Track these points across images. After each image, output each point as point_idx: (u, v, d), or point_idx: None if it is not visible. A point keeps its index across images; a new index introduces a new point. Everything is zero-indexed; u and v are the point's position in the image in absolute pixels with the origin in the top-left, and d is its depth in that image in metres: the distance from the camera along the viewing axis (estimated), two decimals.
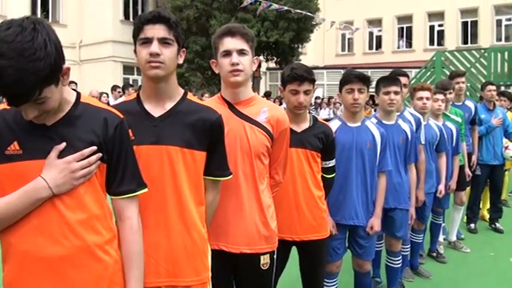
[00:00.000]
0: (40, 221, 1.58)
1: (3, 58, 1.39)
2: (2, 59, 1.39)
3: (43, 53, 1.44)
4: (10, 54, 1.40)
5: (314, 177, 2.99)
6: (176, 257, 1.98)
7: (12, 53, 1.40)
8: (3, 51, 1.40)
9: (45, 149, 1.59)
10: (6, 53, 1.40)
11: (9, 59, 1.40)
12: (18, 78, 1.40)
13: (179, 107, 2.03)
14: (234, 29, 2.35)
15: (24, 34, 1.43)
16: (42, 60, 1.44)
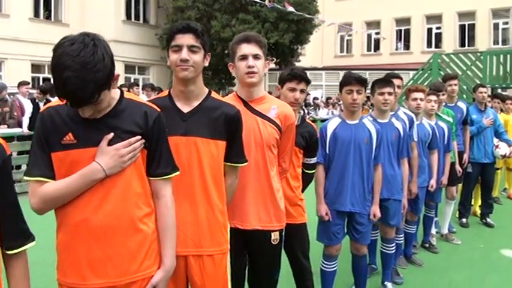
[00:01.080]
0: (92, 197, 1.91)
1: (69, 70, 1.69)
2: (68, 70, 1.69)
3: (101, 65, 1.75)
4: (75, 67, 1.69)
5: (294, 170, 3.34)
6: (201, 230, 2.33)
7: (77, 65, 1.69)
8: (69, 64, 1.69)
9: (96, 138, 1.91)
10: (72, 66, 1.69)
11: (74, 70, 1.69)
12: (80, 87, 1.71)
13: (205, 104, 2.39)
14: (250, 37, 2.72)
15: (86, 50, 1.72)
16: (101, 71, 1.75)
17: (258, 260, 2.83)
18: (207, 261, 2.35)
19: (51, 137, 1.91)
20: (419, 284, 4.78)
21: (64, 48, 1.72)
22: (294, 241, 3.38)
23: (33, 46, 22.02)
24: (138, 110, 2.02)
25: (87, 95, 1.74)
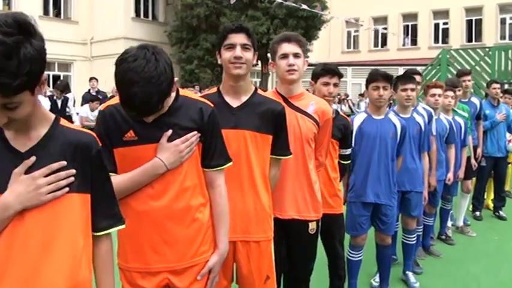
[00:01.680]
0: (153, 189, 2.07)
1: (136, 86, 1.81)
2: (135, 86, 1.81)
3: (164, 77, 1.87)
4: (141, 82, 1.81)
5: (332, 161, 3.52)
6: (248, 218, 2.50)
7: (143, 81, 1.81)
8: (136, 79, 1.81)
9: (156, 135, 2.06)
10: (138, 81, 1.81)
11: (140, 86, 1.81)
12: (146, 100, 1.84)
13: (252, 99, 2.56)
14: (290, 36, 2.90)
15: (149, 65, 1.84)
16: (164, 82, 1.87)
17: (295, 249, 2.99)
18: (254, 247, 2.53)
19: (113, 133, 2.06)
20: (438, 274, 4.94)
21: (128, 64, 1.84)
22: (333, 230, 3.54)
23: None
24: (193, 106, 2.17)
25: (152, 107, 1.90)
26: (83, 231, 1.60)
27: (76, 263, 1.56)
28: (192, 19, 21.54)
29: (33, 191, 1.48)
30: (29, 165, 1.50)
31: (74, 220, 1.56)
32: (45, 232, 1.50)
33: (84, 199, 1.60)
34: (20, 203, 1.46)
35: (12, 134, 1.52)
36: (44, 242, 1.49)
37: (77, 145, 1.59)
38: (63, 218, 1.54)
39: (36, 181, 1.49)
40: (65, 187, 1.54)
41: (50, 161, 1.53)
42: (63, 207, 1.54)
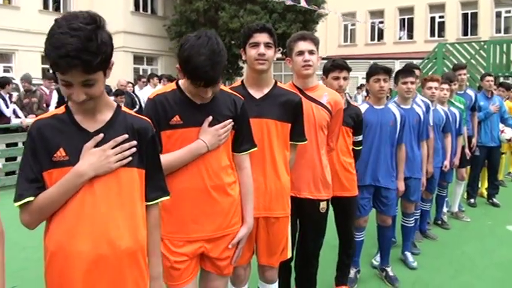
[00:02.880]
0: (194, 167, 2.39)
1: (203, 55, 2.19)
2: (202, 56, 2.18)
3: (223, 53, 2.26)
4: (207, 53, 2.19)
5: (347, 147, 3.83)
6: (269, 196, 2.82)
7: (208, 52, 2.19)
8: (202, 51, 2.19)
9: (198, 120, 2.39)
10: (204, 52, 2.19)
11: (207, 55, 2.19)
12: (212, 68, 2.20)
13: (273, 92, 2.88)
14: (306, 35, 3.22)
15: (211, 41, 2.23)
16: (224, 57, 2.26)
17: (308, 225, 3.31)
18: (274, 222, 2.86)
19: (161, 118, 2.38)
20: (435, 254, 5.28)
21: (193, 42, 2.22)
22: (348, 212, 3.85)
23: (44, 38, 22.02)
24: (228, 98, 2.51)
25: (216, 75, 2.24)
26: (140, 200, 1.91)
27: (136, 224, 1.87)
28: (191, 13, 21.75)
29: (104, 160, 1.79)
30: (98, 140, 1.81)
31: (133, 189, 1.88)
32: (111, 196, 1.81)
33: (141, 173, 1.92)
34: (94, 170, 1.77)
35: (81, 117, 1.83)
36: (110, 204, 1.80)
37: (136, 128, 1.91)
38: (126, 186, 1.85)
39: (106, 152, 1.80)
40: (128, 157, 1.85)
41: (114, 137, 1.85)
42: (125, 178, 1.85)
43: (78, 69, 1.63)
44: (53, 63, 1.63)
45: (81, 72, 1.65)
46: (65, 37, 1.59)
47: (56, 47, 1.59)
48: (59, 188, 1.75)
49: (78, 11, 1.71)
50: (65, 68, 1.63)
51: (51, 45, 1.61)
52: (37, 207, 1.77)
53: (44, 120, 1.84)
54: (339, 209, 3.89)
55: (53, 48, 1.60)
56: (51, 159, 1.78)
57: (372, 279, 4.60)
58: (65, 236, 1.76)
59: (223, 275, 2.56)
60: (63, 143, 1.79)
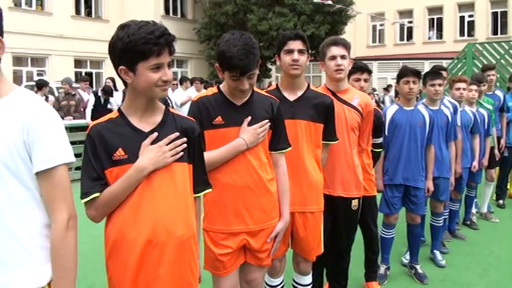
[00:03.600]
0: (236, 164, 2.59)
1: (238, 46, 2.42)
2: (237, 47, 2.42)
3: (256, 46, 2.50)
4: (240, 44, 2.43)
5: (366, 149, 3.98)
6: (304, 192, 3.00)
7: (242, 43, 2.44)
8: (237, 43, 2.43)
9: (239, 120, 2.60)
10: (238, 44, 2.43)
11: (241, 45, 2.43)
12: (246, 56, 2.43)
13: (306, 94, 3.07)
14: (338, 40, 3.40)
15: (245, 36, 2.48)
16: (256, 49, 2.48)
17: (340, 222, 3.48)
18: (309, 217, 3.04)
19: (204, 119, 2.60)
20: (463, 253, 5.38)
21: (228, 38, 2.49)
22: (367, 211, 3.98)
23: (76, 42, 23.02)
24: (265, 100, 2.72)
25: (250, 63, 2.46)
26: (190, 192, 2.13)
27: (188, 213, 2.09)
28: (221, 16, 22.07)
29: (161, 155, 2.01)
30: (153, 138, 2.03)
31: (185, 182, 2.10)
32: (166, 189, 2.02)
33: (190, 168, 2.14)
34: (152, 165, 1.99)
35: (135, 120, 2.06)
36: (166, 196, 2.02)
37: (184, 128, 2.13)
38: (179, 179, 2.07)
39: (162, 148, 2.02)
40: (180, 152, 2.07)
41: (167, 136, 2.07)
42: (178, 172, 2.07)
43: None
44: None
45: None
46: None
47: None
48: (122, 183, 1.97)
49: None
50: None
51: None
52: (102, 202, 1.99)
53: (102, 124, 2.07)
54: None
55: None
56: (111, 159, 2.00)
57: (402, 277, 4.73)
58: (126, 225, 1.98)
59: (263, 266, 2.76)
60: (122, 143, 2.01)
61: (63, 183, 1.71)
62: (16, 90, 1.72)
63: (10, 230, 1.65)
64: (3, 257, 1.65)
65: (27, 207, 1.68)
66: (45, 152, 1.65)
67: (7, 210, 1.64)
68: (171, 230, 2.00)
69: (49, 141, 1.66)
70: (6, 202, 1.64)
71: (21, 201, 1.67)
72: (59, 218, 1.69)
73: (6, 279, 1.66)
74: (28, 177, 1.67)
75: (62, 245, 1.69)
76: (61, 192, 1.70)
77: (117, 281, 2.02)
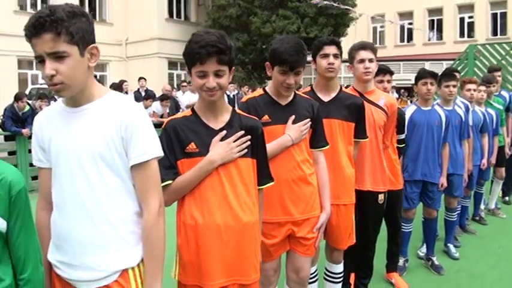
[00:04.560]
0: (281, 159, 2.83)
1: (288, 44, 2.71)
2: (289, 44, 2.72)
3: (305, 48, 2.79)
4: (291, 43, 2.73)
5: (392, 145, 4.22)
6: (338, 186, 3.24)
7: (292, 42, 2.74)
8: (288, 41, 2.74)
9: (284, 118, 2.84)
10: (289, 42, 2.73)
11: (292, 43, 2.72)
12: (296, 53, 2.70)
13: (339, 95, 3.33)
14: (366, 45, 3.67)
15: (294, 37, 2.82)
16: (305, 50, 2.77)
17: (368, 215, 3.72)
18: (342, 208, 3.29)
19: None
20: (474, 247, 5.66)
21: (280, 38, 2.85)
22: (394, 204, 4.21)
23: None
24: (306, 101, 2.98)
25: (299, 60, 2.74)
26: (254, 184, 2.39)
27: (252, 202, 2.35)
28: (225, 19, 22.32)
29: (228, 150, 2.27)
30: (222, 136, 2.30)
31: (250, 175, 2.36)
32: (233, 180, 2.29)
33: (253, 162, 2.40)
34: (221, 159, 2.26)
35: (206, 118, 2.33)
36: (233, 186, 2.28)
37: (249, 126, 2.39)
38: (244, 172, 2.33)
39: (230, 145, 2.28)
40: (245, 149, 2.33)
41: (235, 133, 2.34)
42: (243, 166, 2.33)
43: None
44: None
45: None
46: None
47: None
48: (194, 173, 2.25)
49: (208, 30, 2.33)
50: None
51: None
52: (174, 189, 2.24)
53: (177, 120, 2.35)
54: (387, 203, 4.29)
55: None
56: (184, 151, 2.27)
57: (419, 268, 5.00)
58: (199, 211, 2.24)
59: (307, 255, 2.98)
60: (194, 138, 2.29)
61: (155, 175, 1.96)
62: (110, 92, 1.97)
63: (106, 216, 1.89)
64: (99, 240, 1.89)
65: (121, 196, 1.92)
66: (140, 147, 1.89)
67: (104, 199, 1.88)
68: (238, 216, 2.26)
69: (144, 138, 1.91)
70: (103, 192, 1.88)
71: (116, 191, 1.91)
72: (152, 205, 1.93)
73: (101, 261, 1.89)
74: (123, 170, 1.91)
75: (154, 230, 1.92)
76: (153, 183, 1.95)
77: (188, 260, 2.27)
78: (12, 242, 1.72)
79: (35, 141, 2.00)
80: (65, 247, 1.91)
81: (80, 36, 1.78)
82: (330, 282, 3.60)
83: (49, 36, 1.72)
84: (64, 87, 1.79)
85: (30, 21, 1.73)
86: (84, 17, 1.82)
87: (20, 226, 1.72)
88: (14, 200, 1.68)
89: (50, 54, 1.73)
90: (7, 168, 1.71)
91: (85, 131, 1.87)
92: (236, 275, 2.29)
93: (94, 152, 1.86)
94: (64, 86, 1.78)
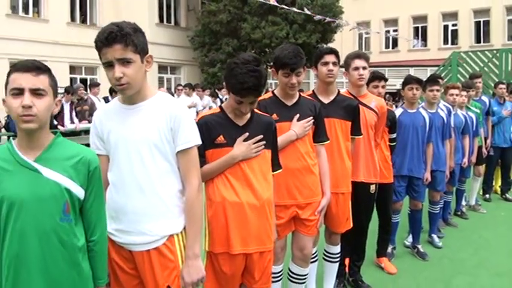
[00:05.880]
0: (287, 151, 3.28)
1: (287, 50, 3.24)
2: (287, 50, 3.23)
3: (302, 52, 3.27)
4: (290, 49, 3.23)
5: (385, 143, 4.73)
6: (337, 177, 3.68)
7: (291, 48, 3.24)
8: (287, 48, 3.26)
9: (289, 116, 3.30)
10: (288, 49, 3.24)
11: (290, 50, 3.23)
12: (295, 56, 3.19)
13: (337, 98, 3.80)
14: (361, 54, 4.15)
15: (293, 45, 3.26)
16: (302, 54, 3.28)
17: (361, 203, 4.17)
18: (340, 196, 3.76)
19: None
20: (456, 238, 6.18)
21: (281, 47, 3.34)
22: (385, 196, 4.70)
23: (71, 49, 23.55)
24: (309, 102, 3.46)
25: (298, 62, 3.23)
26: (269, 170, 2.87)
27: (269, 185, 2.83)
28: (215, 24, 22.78)
29: (249, 150, 2.75)
30: (245, 136, 2.77)
31: (267, 163, 2.85)
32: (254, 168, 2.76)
33: (269, 153, 2.87)
34: (243, 156, 2.74)
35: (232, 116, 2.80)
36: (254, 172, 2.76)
37: (266, 123, 2.87)
38: (262, 161, 2.81)
39: (250, 145, 2.76)
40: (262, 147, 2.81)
41: (254, 133, 2.80)
42: (262, 157, 2.81)
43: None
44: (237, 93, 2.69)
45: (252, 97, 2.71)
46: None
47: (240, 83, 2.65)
48: (219, 164, 2.73)
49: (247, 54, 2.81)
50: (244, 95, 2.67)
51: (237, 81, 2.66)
52: (202, 174, 2.64)
53: (208, 116, 2.82)
54: (379, 194, 4.77)
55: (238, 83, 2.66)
56: (213, 142, 2.73)
57: (406, 255, 5.52)
58: (226, 191, 2.72)
59: (310, 234, 3.46)
60: (222, 132, 2.76)
61: (195, 159, 2.43)
62: (159, 92, 2.44)
63: (157, 192, 2.35)
64: (151, 211, 2.35)
65: (168, 176, 2.39)
66: (185, 136, 2.36)
67: (156, 178, 2.34)
68: (259, 195, 2.73)
69: (188, 128, 2.37)
70: (155, 173, 2.34)
71: (165, 172, 2.37)
72: (193, 183, 2.40)
73: (153, 227, 2.35)
74: (170, 155, 2.37)
75: (195, 202, 2.39)
76: (194, 165, 2.42)
77: (217, 232, 2.73)
78: (87, 209, 2.13)
79: (94, 133, 2.46)
80: (121, 217, 2.36)
81: (141, 47, 2.25)
82: (328, 262, 4.07)
83: (119, 46, 2.18)
84: (128, 87, 2.25)
85: (103, 35, 2.18)
86: (141, 33, 2.30)
87: (94, 196, 2.13)
88: (91, 175, 2.10)
89: (119, 60, 2.19)
90: (85, 149, 2.16)
91: (141, 124, 2.33)
92: (256, 244, 2.75)
93: (149, 141, 2.32)
94: (129, 86, 2.24)
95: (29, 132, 1.96)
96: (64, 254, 1.99)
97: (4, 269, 1.96)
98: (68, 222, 2.01)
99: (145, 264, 2.35)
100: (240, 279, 2.87)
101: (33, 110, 1.90)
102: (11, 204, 1.92)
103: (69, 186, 2.00)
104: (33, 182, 1.95)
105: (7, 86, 1.96)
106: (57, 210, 1.97)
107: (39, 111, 1.92)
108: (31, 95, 1.91)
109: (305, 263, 3.55)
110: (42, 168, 1.97)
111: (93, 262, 2.15)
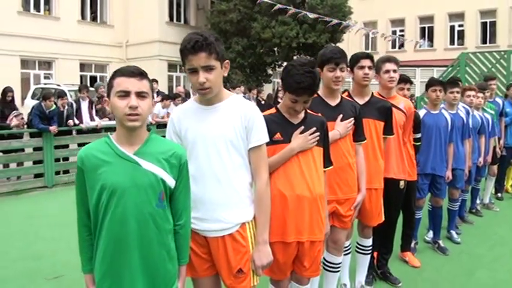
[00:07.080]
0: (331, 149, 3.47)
1: (329, 48, 3.49)
2: (329, 48, 3.50)
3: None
4: (331, 47, 3.49)
5: (410, 142, 4.96)
6: (371, 174, 3.90)
7: (332, 47, 3.49)
8: (328, 47, 3.52)
9: (333, 116, 3.52)
10: (329, 47, 3.48)
11: (332, 48, 3.49)
12: (339, 51, 3.50)
13: (371, 100, 4.03)
14: (391, 58, 4.40)
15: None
16: (344, 52, 3.53)
17: (391, 198, 4.40)
18: (373, 192, 4.00)
19: None
20: (472, 234, 6.43)
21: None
22: (410, 193, 4.91)
23: (81, 46, 23.81)
24: (350, 103, 3.70)
25: (341, 57, 3.46)
26: (321, 166, 3.11)
27: (321, 180, 3.06)
28: (225, 24, 22.99)
29: (306, 141, 3.00)
30: (301, 130, 3.02)
31: (320, 159, 3.09)
32: (308, 163, 3.00)
33: (321, 150, 3.11)
34: (300, 148, 3.00)
35: (287, 115, 3.05)
36: (308, 167, 2.99)
37: (318, 123, 3.11)
38: (315, 157, 3.04)
39: (306, 137, 3.01)
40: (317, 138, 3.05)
41: (309, 128, 3.03)
42: (315, 152, 3.05)
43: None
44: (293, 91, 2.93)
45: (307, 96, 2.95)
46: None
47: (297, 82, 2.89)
48: (278, 157, 2.97)
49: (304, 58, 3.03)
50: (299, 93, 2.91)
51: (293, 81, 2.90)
52: None
53: (267, 116, 3.06)
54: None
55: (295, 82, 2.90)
56: (271, 139, 2.96)
57: (427, 250, 5.78)
58: (283, 184, 2.96)
59: (345, 228, 3.71)
60: (279, 129, 3.02)
61: (265, 155, 2.71)
62: (232, 95, 2.71)
63: (232, 184, 2.62)
64: (227, 200, 2.62)
65: (241, 170, 2.66)
66: (257, 134, 2.63)
67: (231, 171, 2.62)
68: (312, 189, 2.98)
69: (259, 127, 2.65)
70: (230, 166, 2.61)
71: (238, 166, 2.64)
72: (263, 177, 2.68)
73: (227, 215, 2.62)
74: (244, 151, 2.64)
75: (265, 193, 2.68)
76: (264, 160, 2.70)
77: (274, 222, 2.94)
78: (176, 197, 2.39)
79: (172, 130, 2.74)
80: (199, 206, 2.62)
81: (221, 55, 2.51)
82: (361, 254, 4.33)
83: (204, 54, 2.43)
84: (210, 91, 2.52)
85: (189, 43, 2.44)
86: (220, 41, 2.55)
87: (182, 186, 2.40)
88: (182, 168, 2.37)
89: (203, 67, 2.45)
90: (176, 145, 2.44)
91: (219, 122, 2.60)
92: (308, 234, 3.00)
93: (226, 138, 2.58)
94: (211, 90, 2.51)
95: (132, 129, 2.22)
96: (158, 235, 2.26)
97: (101, 249, 2.23)
98: (162, 208, 2.28)
99: (219, 249, 2.62)
100: (291, 266, 3.12)
101: (138, 110, 2.17)
102: (113, 191, 2.18)
103: (163, 177, 2.27)
104: (133, 172, 2.21)
105: (111, 89, 2.22)
106: (154, 197, 2.24)
107: (143, 110, 2.19)
108: (136, 97, 2.17)
109: (338, 252, 3.80)
110: (140, 160, 2.24)
111: (178, 243, 2.41)
